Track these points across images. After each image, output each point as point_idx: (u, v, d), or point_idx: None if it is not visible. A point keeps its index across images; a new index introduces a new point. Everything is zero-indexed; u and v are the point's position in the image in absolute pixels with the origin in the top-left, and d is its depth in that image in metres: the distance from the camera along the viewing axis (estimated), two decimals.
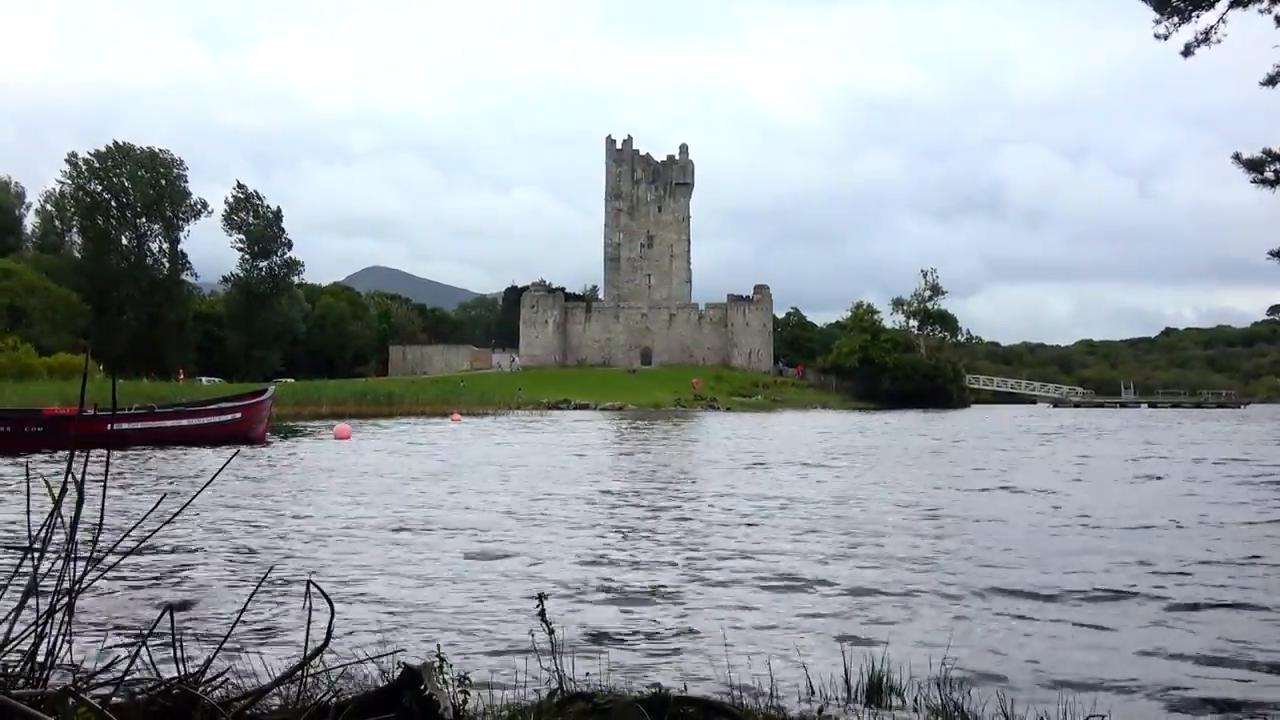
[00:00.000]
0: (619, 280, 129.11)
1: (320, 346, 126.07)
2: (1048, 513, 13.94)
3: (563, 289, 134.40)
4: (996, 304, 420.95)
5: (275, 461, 22.88)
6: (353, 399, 59.97)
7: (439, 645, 5.07)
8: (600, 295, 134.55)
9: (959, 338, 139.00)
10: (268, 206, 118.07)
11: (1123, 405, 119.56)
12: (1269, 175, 15.83)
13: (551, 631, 5.13)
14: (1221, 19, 14.83)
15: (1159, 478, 19.69)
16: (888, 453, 28.10)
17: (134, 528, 4.79)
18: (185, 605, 7.65)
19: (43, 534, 3.54)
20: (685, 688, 5.19)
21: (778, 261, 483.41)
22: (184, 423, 29.47)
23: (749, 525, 12.48)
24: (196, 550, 10.37)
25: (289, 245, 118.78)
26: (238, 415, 30.56)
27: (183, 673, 4.11)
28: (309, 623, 4.32)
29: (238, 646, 5.95)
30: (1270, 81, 15.30)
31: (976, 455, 27.36)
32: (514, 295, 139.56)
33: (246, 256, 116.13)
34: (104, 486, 3.88)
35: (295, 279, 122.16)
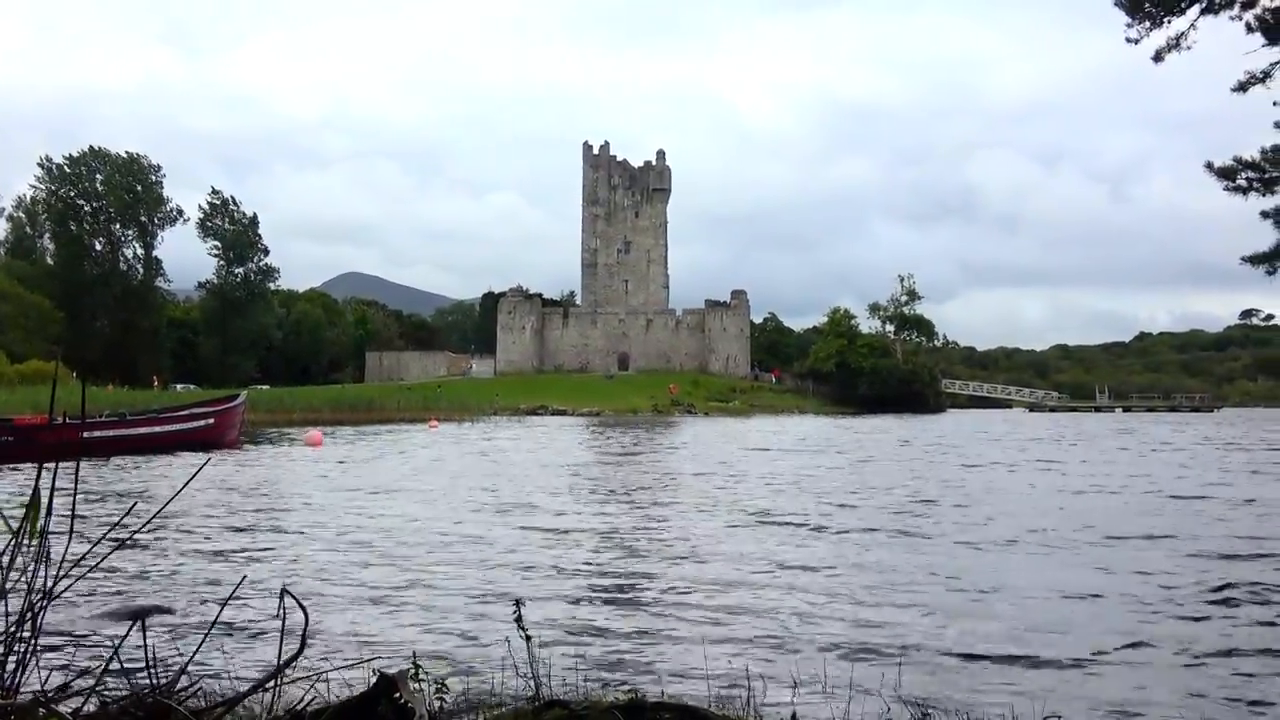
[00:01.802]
0: (596, 286, 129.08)
1: (296, 353, 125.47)
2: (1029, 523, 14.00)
3: (540, 294, 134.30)
4: (972, 309, 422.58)
5: (247, 468, 22.74)
6: (328, 405, 59.71)
7: (415, 652, 5.05)
8: (577, 301, 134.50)
9: (935, 342, 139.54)
10: (243, 213, 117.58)
11: (1097, 409, 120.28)
12: (1241, 183, 15.96)
13: (528, 638, 5.11)
14: (1192, 25, 14.96)
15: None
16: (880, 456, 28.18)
17: (105, 535, 4.75)
18: (158, 614, 7.58)
19: (10, 544, 3.50)
20: (663, 693, 5.18)
21: (755, 266, 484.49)
22: (156, 429, 29.25)
23: (725, 534, 12.47)
24: (169, 558, 10.29)
25: (265, 252, 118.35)
26: (210, 421, 30.42)
27: (156, 682, 4.07)
28: (283, 630, 4.28)
29: (212, 655, 5.91)
30: (1241, 88, 15.42)
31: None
32: (491, 301, 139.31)
33: (222, 263, 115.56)
34: (73, 495, 3.84)
35: (271, 285, 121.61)
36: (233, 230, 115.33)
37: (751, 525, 13.09)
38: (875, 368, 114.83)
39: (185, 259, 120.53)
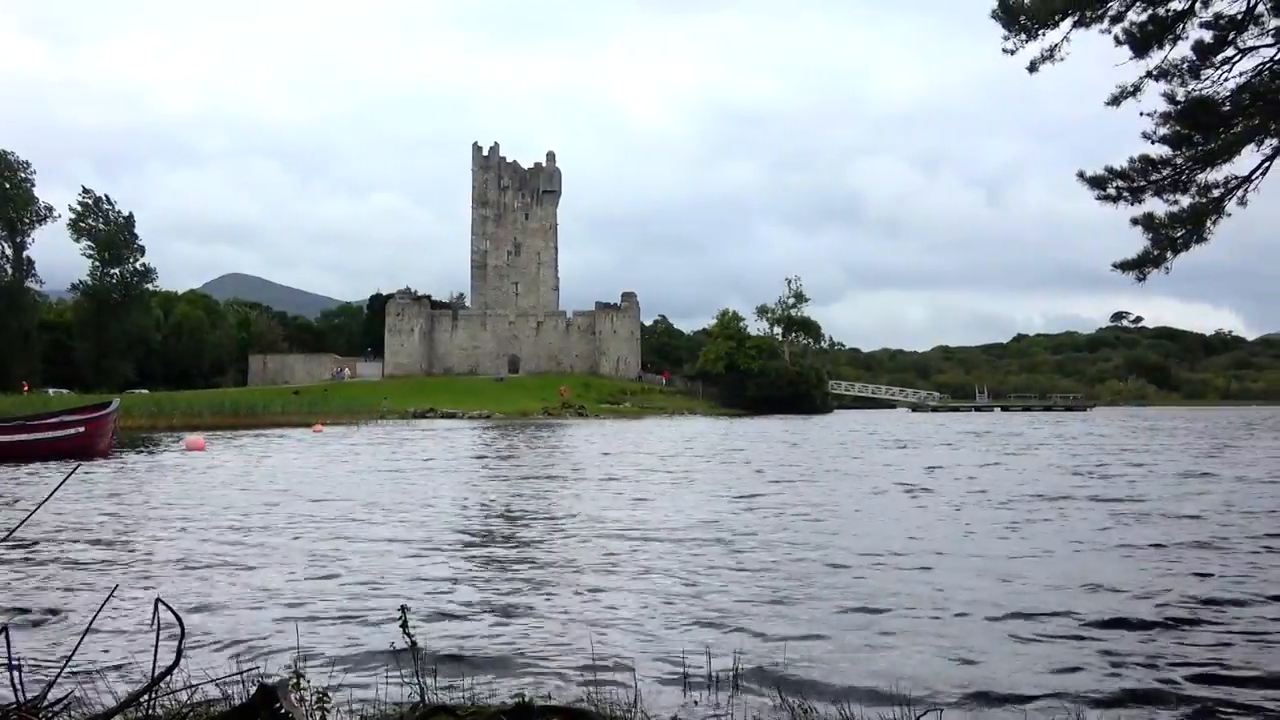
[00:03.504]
0: (486, 288, 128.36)
1: (176, 356, 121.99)
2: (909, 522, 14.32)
3: (428, 296, 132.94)
4: (857, 311, 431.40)
5: (120, 476, 22.03)
6: (210, 410, 58.21)
7: (296, 661, 4.95)
8: (467, 303, 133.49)
9: (822, 344, 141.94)
10: (119, 212, 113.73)
11: (977, 409, 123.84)
12: (1111, 192, 16.49)
13: (413, 643, 5.06)
14: (1065, 37, 15.48)
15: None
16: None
17: None
18: (24, 628, 7.30)
19: None
20: (549, 696, 5.17)
21: (644, 268, 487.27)
22: (23, 437, 28.16)
23: (610, 536, 12.49)
24: (36, 570, 9.90)
25: (141, 251, 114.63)
26: (81, 429, 29.40)
27: (21, 699, 3.93)
28: (157, 641, 4.16)
29: (82, 670, 5.71)
30: (1114, 101, 15.99)
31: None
32: (378, 303, 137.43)
33: (96, 264, 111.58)
34: None
35: (149, 286, 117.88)
36: (107, 230, 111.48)
37: (634, 530, 13.14)
38: (764, 369, 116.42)
39: (57, 259, 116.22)
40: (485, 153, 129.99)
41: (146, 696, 4.10)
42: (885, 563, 10.14)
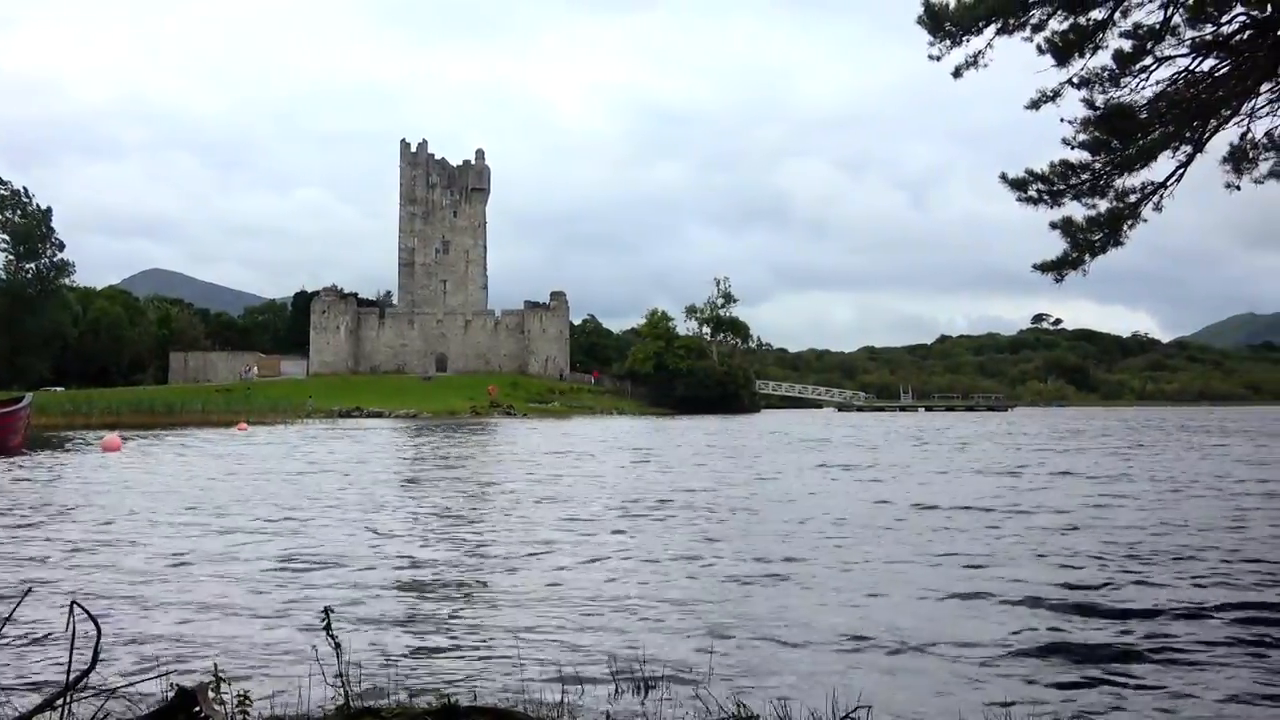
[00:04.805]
0: (413, 286, 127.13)
1: (94, 353, 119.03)
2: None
3: (355, 294, 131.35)
4: (784, 311, 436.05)
5: (31, 474, 21.49)
6: (128, 408, 57.05)
7: (216, 664, 4.87)
8: (394, 301, 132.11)
9: (750, 344, 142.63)
10: (36, 205, 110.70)
11: (902, 409, 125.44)
12: (1032, 194, 16.78)
13: (337, 645, 5.00)
14: (989, 44, 15.75)
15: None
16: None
17: None
18: None
19: None
20: (475, 697, 5.15)
21: (572, 267, 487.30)
22: None
23: (538, 540, 12.46)
24: None
25: (60, 246, 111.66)
26: None
27: None
28: (72, 644, 4.07)
29: None
30: (1034, 105, 16.29)
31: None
32: (303, 300, 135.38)
33: (11, 258, 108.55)
34: None
35: (66, 281, 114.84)
36: (24, 223, 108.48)
37: (558, 530, 13.13)
38: (692, 369, 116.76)
39: None
40: (414, 149, 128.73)
41: (63, 700, 4.01)
42: (806, 566, 10.25)
